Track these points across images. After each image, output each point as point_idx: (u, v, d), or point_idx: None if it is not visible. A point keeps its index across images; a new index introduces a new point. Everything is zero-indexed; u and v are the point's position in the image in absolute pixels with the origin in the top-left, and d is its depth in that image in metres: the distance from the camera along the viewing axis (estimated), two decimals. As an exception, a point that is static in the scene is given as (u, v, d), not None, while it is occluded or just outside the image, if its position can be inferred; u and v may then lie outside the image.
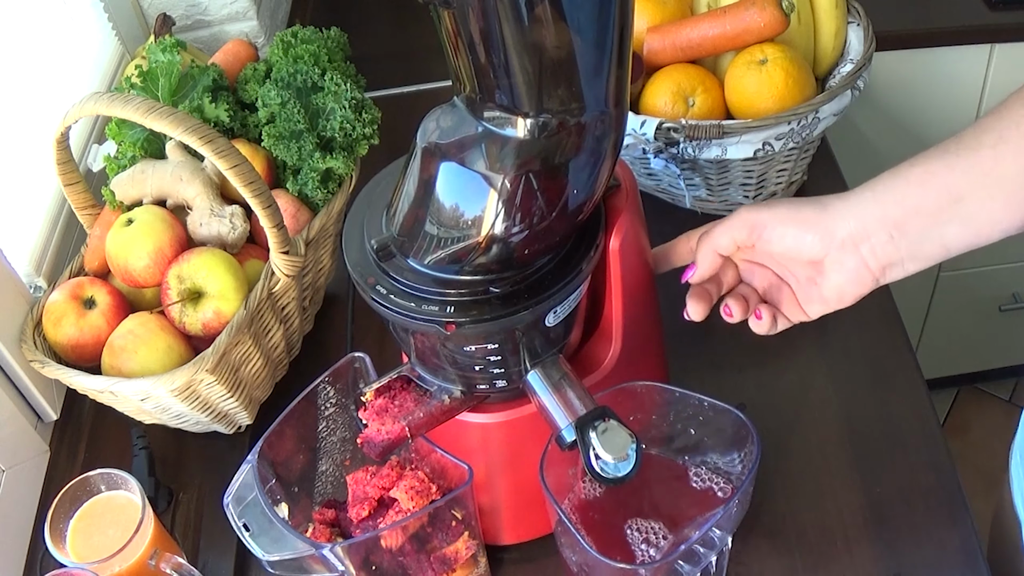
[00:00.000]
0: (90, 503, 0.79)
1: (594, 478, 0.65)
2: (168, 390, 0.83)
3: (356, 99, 0.96)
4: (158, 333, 0.86)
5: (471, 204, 0.62)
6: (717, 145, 0.96)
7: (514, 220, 0.62)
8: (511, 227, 0.62)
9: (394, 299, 0.65)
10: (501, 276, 0.65)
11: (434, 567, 0.75)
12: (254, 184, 0.81)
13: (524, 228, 0.62)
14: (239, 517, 0.71)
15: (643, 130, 0.97)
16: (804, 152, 1.04)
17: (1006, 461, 0.90)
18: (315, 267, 0.98)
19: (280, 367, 0.97)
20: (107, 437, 0.96)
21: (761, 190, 1.05)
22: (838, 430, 0.89)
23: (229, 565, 0.85)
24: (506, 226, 0.62)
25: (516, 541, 0.84)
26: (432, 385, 0.72)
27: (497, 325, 0.64)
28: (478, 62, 0.58)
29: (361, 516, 0.77)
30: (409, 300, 0.65)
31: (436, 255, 0.64)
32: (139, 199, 0.94)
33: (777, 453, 0.88)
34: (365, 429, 0.72)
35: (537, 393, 0.69)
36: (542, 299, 0.64)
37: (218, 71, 1.00)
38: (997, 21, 1.39)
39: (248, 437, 0.95)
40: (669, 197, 1.10)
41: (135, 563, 0.76)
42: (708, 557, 0.68)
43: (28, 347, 0.88)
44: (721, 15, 1.01)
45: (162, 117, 0.78)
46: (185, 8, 1.30)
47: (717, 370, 0.95)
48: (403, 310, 0.64)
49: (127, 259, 0.89)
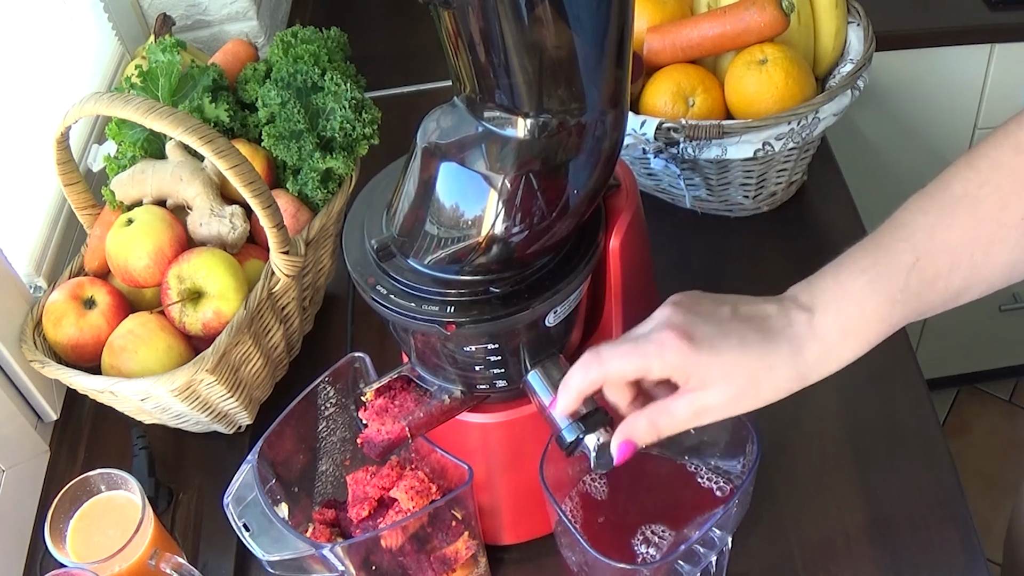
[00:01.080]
0: (90, 503, 0.79)
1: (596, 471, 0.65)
2: (168, 390, 0.83)
3: (356, 99, 0.96)
4: (158, 333, 0.86)
5: (471, 204, 0.62)
6: (717, 145, 0.96)
7: (514, 220, 0.62)
8: (511, 227, 0.62)
9: (394, 299, 0.65)
10: (501, 276, 0.65)
11: (434, 567, 0.75)
12: (254, 184, 0.81)
13: (524, 228, 0.62)
14: (239, 517, 0.71)
15: (643, 130, 0.97)
16: (804, 152, 1.04)
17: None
18: (315, 267, 0.98)
19: (280, 367, 0.97)
20: (107, 437, 0.96)
21: (761, 190, 1.05)
22: (838, 430, 0.89)
23: (229, 565, 0.85)
24: (506, 226, 0.62)
25: (516, 541, 0.84)
26: (432, 385, 0.72)
27: (497, 325, 0.64)
28: (478, 62, 0.58)
29: (361, 516, 0.77)
30: (409, 300, 0.65)
31: (436, 255, 0.64)
32: (139, 199, 0.94)
33: (777, 453, 0.88)
34: (365, 429, 0.72)
35: (537, 393, 0.70)
36: (543, 299, 0.64)
37: (218, 71, 1.00)
38: (997, 21, 1.39)
39: (248, 437, 0.94)
40: (669, 197, 1.10)
41: (135, 563, 0.76)
42: (708, 557, 0.68)
43: (28, 347, 0.88)
44: (721, 15, 1.01)
45: (162, 117, 0.78)
46: (185, 8, 1.30)
47: (717, 370, 0.95)
48: (403, 310, 0.64)
49: (127, 259, 0.89)
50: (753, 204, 1.07)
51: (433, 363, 0.71)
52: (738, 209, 1.08)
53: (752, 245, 1.06)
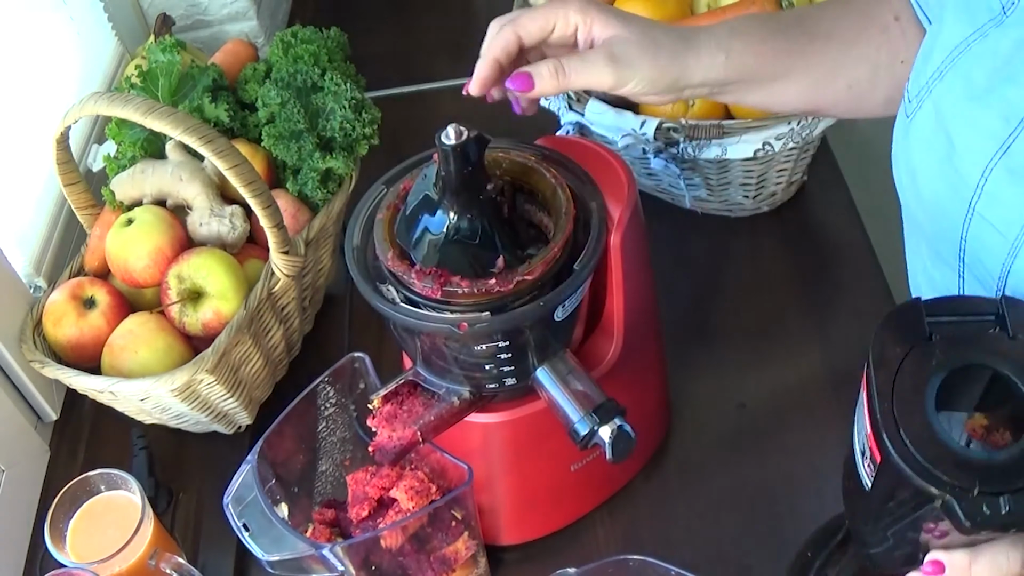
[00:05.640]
0: (90, 503, 0.79)
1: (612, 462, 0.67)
2: (168, 390, 0.83)
3: (356, 99, 0.96)
4: (158, 333, 0.86)
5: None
6: (717, 145, 0.96)
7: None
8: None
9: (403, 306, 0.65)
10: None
11: (434, 567, 0.75)
12: (254, 184, 0.81)
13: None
14: (239, 517, 0.71)
15: (643, 130, 0.97)
16: (804, 152, 1.04)
17: None
18: (315, 267, 0.98)
19: (280, 367, 0.97)
20: (107, 437, 0.96)
21: (761, 190, 1.05)
22: (838, 430, 0.89)
23: (229, 565, 0.85)
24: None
25: (516, 541, 0.84)
26: (440, 388, 0.72)
27: (509, 323, 0.65)
28: None
29: (361, 516, 0.77)
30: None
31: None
32: (139, 199, 0.94)
33: (777, 453, 0.88)
34: (375, 437, 0.71)
35: (547, 388, 0.70)
36: (553, 294, 0.65)
37: (218, 71, 1.00)
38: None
39: (248, 437, 0.94)
40: (669, 197, 1.10)
41: (135, 563, 0.76)
42: None
43: (28, 347, 0.88)
44: (721, 15, 1.01)
45: (162, 117, 0.78)
46: (185, 8, 1.30)
47: (717, 370, 0.95)
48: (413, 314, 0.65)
49: (127, 259, 0.89)
50: (753, 204, 1.07)
51: (440, 366, 0.71)
52: (738, 209, 1.08)
53: (752, 245, 1.06)
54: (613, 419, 0.66)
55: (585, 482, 0.82)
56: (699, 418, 0.92)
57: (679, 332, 0.94)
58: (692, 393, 0.93)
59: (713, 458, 0.89)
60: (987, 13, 0.61)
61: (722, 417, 0.92)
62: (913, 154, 0.66)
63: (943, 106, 0.63)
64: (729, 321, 0.99)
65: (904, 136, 0.68)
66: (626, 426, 0.67)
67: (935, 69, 0.64)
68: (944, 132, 0.62)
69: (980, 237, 0.61)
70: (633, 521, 0.85)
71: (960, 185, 0.61)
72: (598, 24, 0.68)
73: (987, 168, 0.59)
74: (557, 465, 0.79)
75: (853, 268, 1.03)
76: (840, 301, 1.00)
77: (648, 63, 0.68)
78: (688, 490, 0.87)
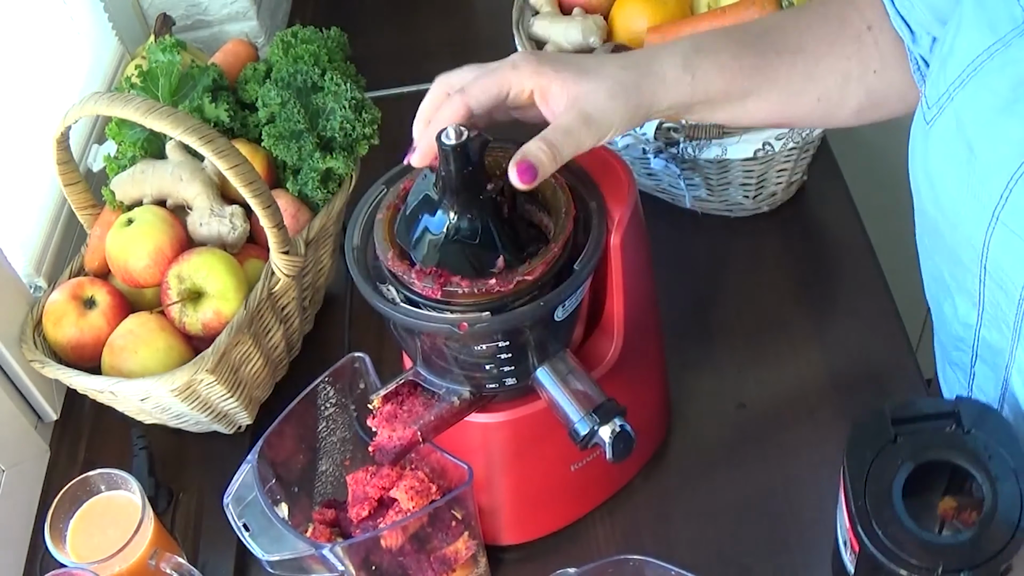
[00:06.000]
0: (90, 503, 0.79)
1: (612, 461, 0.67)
2: (168, 390, 0.83)
3: (356, 99, 0.96)
4: (158, 333, 0.86)
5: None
6: (717, 145, 0.96)
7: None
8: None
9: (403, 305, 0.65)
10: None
11: (434, 567, 0.75)
12: (254, 184, 0.81)
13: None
14: (239, 517, 0.71)
15: (643, 130, 0.97)
16: (804, 152, 1.04)
17: None
18: (315, 267, 0.98)
19: (280, 367, 0.97)
20: (107, 437, 0.96)
21: (761, 190, 1.05)
22: (838, 430, 0.89)
23: (229, 565, 0.85)
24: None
25: (516, 541, 0.84)
26: (440, 388, 0.72)
27: (509, 323, 0.65)
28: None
29: (361, 516, 0.77)
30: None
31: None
32: (139, 199, 0.94)
33: (777, 453, 0.88)
34: (376, 437, 0.71)
35: (547, 388, 0.70)
36: (554, 294, 0.65)
37: (218, 71, 1.00)
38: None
39: (248, 437, 0.94)
40: (669, 197, 1.10)
41: (135, 563, 0.76)
42: None
43: (28, 347, 0.88)
44: (721, 15, 1.01)
45: (162, 117, 0.78)
46: (185, 8, 1.30)
47: (717, 370, 0.95)
48: (413, 314, 0.65)
49: (127, 259, 0.89)
50: (753, 204, 1.07)
51: (440, 366, 0.71)
52: (738, 209, 1.08)
53: (752, 245, 1.06)
54: (613, 419, 0.66)
55: (585, 482, 0.82)
56: (699, 418, 0.92)
57: (679, 332, 0.94)
58: (692, 393, 0.93)
59: (713, 458, 0.89)
60: (1010, 22, 0.60)
61: (722, 417, 0.92)
62: (931, 160, 0.66)
63: (965, 115, 0.63)
64: (729, 321, 0.99)
65: (923, 142, 0.67)
66: (626, 426, 0.67)
67: (956, 76, 0.63)
68: (965, 141, 0.62)
69: (1003, 245, 0.61)
70: (633, 521, 0.85)
71: (983, 194, 0.61)
72: (556, 84, 0.65)
73: (1012, 178, 0.59)
74: (557, 465, 0.79)
75: (853, 268, 1.03)
76: (840, 301, 1.00)
77: (620, 108, 0.66)
78: (688, 490, 0.87)
